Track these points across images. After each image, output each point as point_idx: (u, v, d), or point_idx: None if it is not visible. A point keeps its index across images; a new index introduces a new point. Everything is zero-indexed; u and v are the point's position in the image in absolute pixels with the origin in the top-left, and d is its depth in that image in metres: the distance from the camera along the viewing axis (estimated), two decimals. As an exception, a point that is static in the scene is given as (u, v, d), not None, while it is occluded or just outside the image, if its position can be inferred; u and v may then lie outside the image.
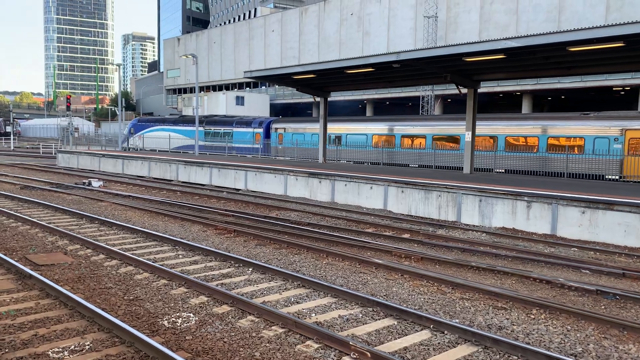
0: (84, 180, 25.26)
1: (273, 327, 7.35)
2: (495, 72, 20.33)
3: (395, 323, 7.64)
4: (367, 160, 31.97)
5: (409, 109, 54.78)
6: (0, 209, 16.58)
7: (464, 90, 21.60)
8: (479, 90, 21.88)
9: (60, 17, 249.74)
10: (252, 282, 9.54)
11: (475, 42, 16.52)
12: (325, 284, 9.12)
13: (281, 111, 62.40)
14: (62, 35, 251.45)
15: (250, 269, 10.35)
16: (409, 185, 17.44)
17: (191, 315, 7.86)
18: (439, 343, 6.95)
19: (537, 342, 7.09)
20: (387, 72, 21.10)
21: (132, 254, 11.27)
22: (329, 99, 53.64)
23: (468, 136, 21.32)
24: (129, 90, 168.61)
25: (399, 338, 7.09)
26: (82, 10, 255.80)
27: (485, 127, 27.59)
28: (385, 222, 16.19)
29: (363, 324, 7.60)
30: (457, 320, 7.79)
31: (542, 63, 17.83)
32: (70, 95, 44.38)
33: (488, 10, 39.94)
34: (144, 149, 42.87)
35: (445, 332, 7.28)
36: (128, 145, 46.91)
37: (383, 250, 11.95)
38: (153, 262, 10.63)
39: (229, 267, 10.54)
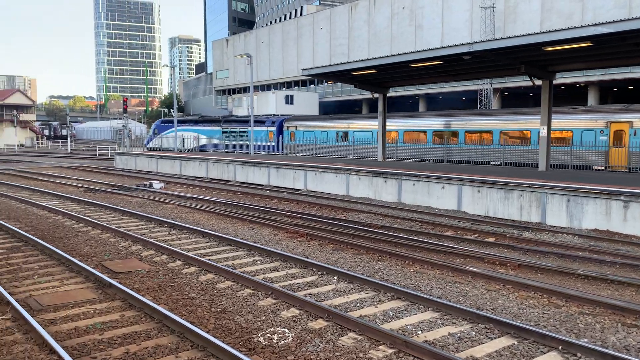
0: (145, 182, 25.31)
1: (380, 347, 6.64)
2: (575, 62, 18.96)
3: (516, 343, 6.79)
4: (426, 157, 30.88)
5: (462, 103, 53.11)
6: (69, 212, 16.59)
7: (538, 82, 20.30)
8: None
9: (109, 22, 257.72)
10: (342, 293, 8.86)
11: (558, 30, 15.32)
12: (423, 295, 8.34)
13: (330, 109, 61.78)
14: (111, 40, 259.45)
15: (336, 278, 9.68)
16: (487, 185, 16.39)
17: (286, 330, 7.24)
18: (577, 369, 6.06)
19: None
20: (455, 65, 20.06)
21: (209, 259, 10.81)
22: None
23: (543, 131, 20.02)
24: (177, 92, 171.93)
25: (528, 362, 6.25)
26: (130, 15, 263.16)
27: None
28: (463, 224, 15.23)
29: (479, 344, 6.78)
30: (586, 340, 6.86)
31: (631, 50, 16.41)
32: (126, 98, 45.03)
33: (550, -2, 38.05)
34: (167, 149, 43.75)
35: (578, 354, 6.37)
36: (153, 145, 48.32)
37: (474, 257, 11.05)
38: (232, 269, 10.11)
39: (312, 275, 9.90)
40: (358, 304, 8.29)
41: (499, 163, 27.03)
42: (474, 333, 7.11)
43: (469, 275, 9.79)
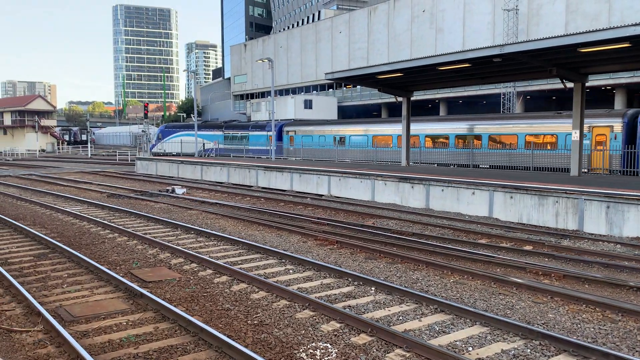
0: (167, 188, 25.18)
1: (431, 365, 6.25)
2: (609, 63, 18.38)
3: (576, 362, 6.35)
4: (449, 162, 30.39)
5: (483, 107, 52.40)
6: (94, 218, 16.45)
7: (569, 85, 19.74)
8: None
9: (127, 29, 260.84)
10: (381, 305, 8.48)
11: (596, 30, 14.80)
12: (469, 309, 7.92)
13: (349, 113, 61.41)
14: (129, 46, 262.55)
15: (373, 288, 9.30)
16: (520, 191, 15.89)
17: (329, 346, 6.88)
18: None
19: None
20: (484, 67, 19.60)
21: (241, 268, 10.50)
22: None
23: (575, 135, 19.44)
24: (194, 97, 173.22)
25: (594, 384, 5.81)
26: (148, 21, 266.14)
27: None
28: (497, 231, 14.75)
29: (537, 363, 6.35)
30: (651, 360, 6.39)
31: (671, 51, 15.82)
32: (147, 103, 45.14)
33: (575, 0, 37.26)
34: (170, 153, 44.99)
35: (647, 376, 5.92)
36: (157, 149, 49.03)
37: (514, 267, 10.59)
38: (265, 278, 9.80)
39: (348, 286, 9.53)
40: (401, 317, 7.91)
41: (523, 168, 26.55)
42: (529, 350, 6.69)
43: (513, 287, 9.34)
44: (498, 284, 9.54)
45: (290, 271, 10.58)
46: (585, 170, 25.04)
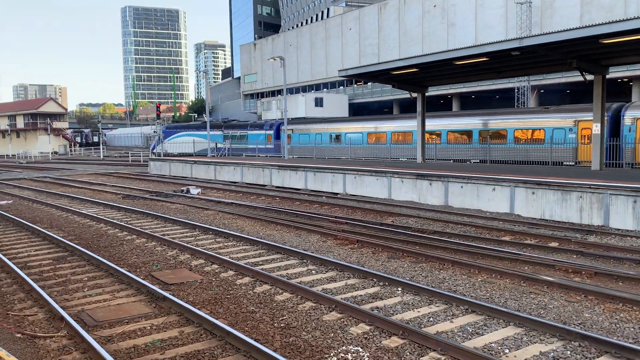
0: (182, 188, 25.10)
1: (469, 369, 6.02)
2: (630, 54, 17.96)
3: (620, 364, 6.09)
4: (469, 158, 30.30)
5: (496, 102, 51.89)
6: (111, 220, 16.36)
7: (589, 77, 19.35)
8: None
9: (136, 30, 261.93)
10: (410, 306, 8.25)
11: (619, 21, 14.44)
12: (501, 309, 7.68)
13: (359, 111, 61.12)
14: (138, 48, 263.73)
15: (400, 289, 9.08)
16: (542, 186, 15.56)
17: (360, 349, 6.68)
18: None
19: None
20: (502, 61, 19.26)
21: (262, 269, 10.33)
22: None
23: (596, 128, 19.05)
24: (204, 97, 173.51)
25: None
26: (157, 22, 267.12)
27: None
28: (520, 227, 14.45)
29: (579, 366, 6.10)
30: (699, 361, 6.11)
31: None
32: (159, 104, 45.18)
33: (590, -9, 36.70)
34: (171, 153, 46.15)
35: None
36: (158, 150, 49.74)
37: (543, 264, 10.31)
38: (288, 279, 9.61)
39: (374, 286, 9.31)
40: (431, 319, 7.68)
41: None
42: (568, 352, 6.43)
43: (544, 285, 9.07)
44: (528, 283, 9.28)
45: (313, 272, 10.39)
46: (573, 163, 26.15)
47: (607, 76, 35.69)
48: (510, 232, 13.78)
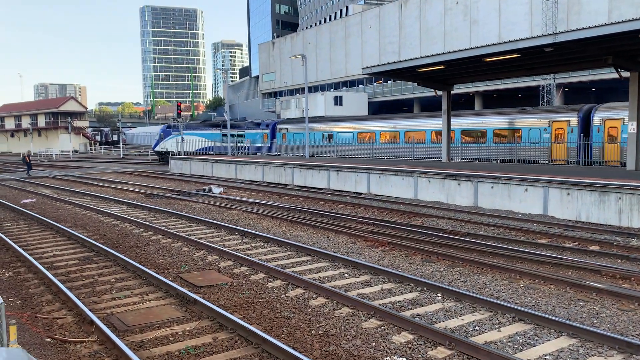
0: (204, 187, 24.91)
1: (526, 384, 5.61)
2: (670, 50, 17.27)
3: (690, 381, 5.63)
4: (488, 157, 29.90)
5: (518, 101, 50.95)
6: (135, 219, 16.19)
7: (625, 74, 18.69)
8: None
9: (155, 29, 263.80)
10: (452, 313, 7.85)
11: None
12: (551, 317, 7.25)
13: (379, 109, 60.54)
14: (157, 47, 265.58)
15: (439, 295, 8.68)
16: (578, 187, 15.00)
17: (405, 360, 6.30)
18: None
19: None
20: (533, 57, 18.67)
21: (293, 272, 10.01)
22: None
23: (632, 127, 18.38)
24: (221, 96, 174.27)
25: None
26: (175, 22, 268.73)
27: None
28: (556, 230, 13.92)
29: (645, 382, 5.66)
30: None
31: None
32: (180, 103, 45.16)
33: (619, -14, 35.68)
34: (172, 152, 47.31)
35: None
36: (159, 148, 51.10)
37: (587, 269, 9.82)
38: (321, 283, 9.27)
39: (411, 292, 8.92)
40: (477, 328, 7.27)
41: (574, 162, 25.98)
42: (632, 367, 5.99)
43: (592, 292, 8.60)
44: (574, 289, 8.81)
45: (346, 275, 10.03)
46: (547, 161, 27.25)
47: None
48: (546, 234, 13.27)
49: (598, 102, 39.99)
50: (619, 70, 18.40)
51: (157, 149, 51.38)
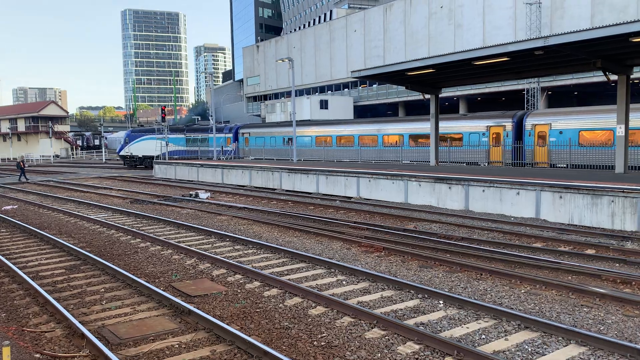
0: (190, 192, 24.51)
1: (541, 396, 5.43)
2: (657, 54, 17.41)
3: None
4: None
5: (502, 104, 51.36)
6: (121, 226, 15.78)
7: (613, 77, 18.81)
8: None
9: (136, 33, 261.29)
10: (457, 321, 7.66)
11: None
12: (558, 324, 7.10)
13: (364, 112, 60.56)
14: (138, 51, 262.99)
15: (441, 302, 8.49)
16: (570, 190, 14.99)
17: (413, 372, 6.08)
18: None
19: None
20: (523, 61, 18.70)
21: (289, 280, 9.75)
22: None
23: (620, 130, 18.49)
24: (204, 100, 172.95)
25: None
26: (157, 25, 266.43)
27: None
28: (549, 234, 13.87)
29: (661, 391, 5.51)
30: None
31: None
32: (164, 107, 44.62)
33: (602, -9, 36.14)
34: (136, 155, 49.67)
35: None
36: (124, 152, 52.03)
37: (587, 274, 9.73)
38: (319, 291, 9.02)
39: (412, 299, 8.73)
40: (483, 336, 7.09)
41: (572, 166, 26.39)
42: (645, 376, 5.84)
43: (596, 297, 8.49)
44: (577, 295, 8.69)
45: (344, 282, 9.80)
46: (486, 163, 29.28)
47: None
48: (540, 238, 13.20)
49: (580, 106, 40.59)
50: (607, 73, 18.51)
51: (122, 153, 52.20)
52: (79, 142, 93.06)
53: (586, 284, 9.16)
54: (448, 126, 31.79)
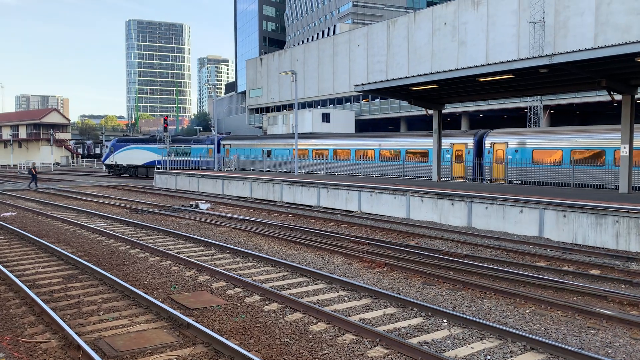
0: (191, 203, 24.36)
1: (550, 421, 5.25)
2: (662, 74, 17.39)
3: None
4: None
5: (503, 122, 51.43)
6: (120, 235, 15.63)
7: (618, 97, 18.78)
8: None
9: (140, 43, 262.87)
10: (461, 341, 7.50)
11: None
12: (565, 347, 6.93)
13: (366, 127, 60.64)
14: (142, 61, 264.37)
15: (445, 320, 8.33)
16: (574, 209, 14.86)
17: (418, 393, 5.91)
18: None
19: None
20: (527, 79, 18.68)
21: (290, 294, 9.58)
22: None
23: (625, 150, 18.41)
24: (206, 111, 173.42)
25: None
26: (161, 36, 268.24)
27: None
28: (553, 253, 13.71)
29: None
30: None
31: None
32: (166, 117, 44.64)
33: (605, 11, 36.31)
34: (121, 164, 51.37)
35: None
36: (109, 161, 53.25)
37: (592, 295, 9.57)
38: (320, 306, 8.86)
39: (415, 317, 8.56)
40: (488, 357, 6.93)
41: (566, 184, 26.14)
42: (656, 402, 5.68)
43: (602, 319, 8.32)
44: (583, 316, 8.53)
45: (345, 298, 9.64)
46: (449, 178, 30.22)
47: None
48: (544, 257, 13.05)
49: (582, 124, 40.53)
50: (612, 93, 18.48)
51: (107, 161, 53.25)
52: (80, 150, 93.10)
53: (592, 305, 9.00)
54: (415, 142, 33.51)
